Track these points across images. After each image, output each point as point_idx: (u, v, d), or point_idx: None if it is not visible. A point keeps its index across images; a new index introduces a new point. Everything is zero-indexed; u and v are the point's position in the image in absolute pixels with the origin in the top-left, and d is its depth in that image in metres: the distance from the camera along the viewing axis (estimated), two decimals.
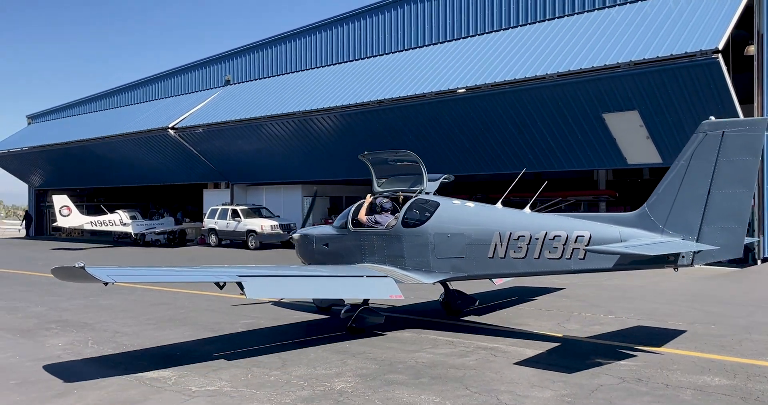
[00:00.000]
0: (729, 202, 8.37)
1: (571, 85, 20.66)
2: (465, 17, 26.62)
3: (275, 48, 34.89)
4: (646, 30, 20.09)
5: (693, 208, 8.57)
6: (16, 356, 9.36)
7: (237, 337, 10.60)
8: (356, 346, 9.58)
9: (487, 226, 10.15)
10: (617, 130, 20.99)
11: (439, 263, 10.64)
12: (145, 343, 10.16)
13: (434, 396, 7.07)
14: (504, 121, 23.01)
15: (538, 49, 22.42)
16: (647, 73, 19.09)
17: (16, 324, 12.01)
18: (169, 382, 7.80)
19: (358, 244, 11.55)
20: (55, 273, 8.05)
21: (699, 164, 8.44)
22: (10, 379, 8.11)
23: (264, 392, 7.33)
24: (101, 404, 7.03)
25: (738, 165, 8.25)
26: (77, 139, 41.05)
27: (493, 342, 9.83)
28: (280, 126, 29.87)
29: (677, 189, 8.70)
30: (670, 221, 8.75)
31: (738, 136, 8.22)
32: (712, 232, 8.47)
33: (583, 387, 7.34)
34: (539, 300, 14.18)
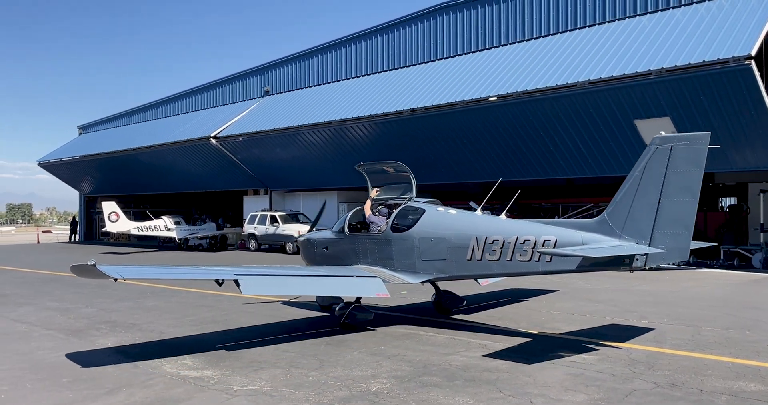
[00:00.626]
0: (677, 210, 8.98)
1: (602, 93, 20.40)
2: (496, 27, 26.52)
3: (311, 60, 35.18)
4: (677, 37, 19.74)
5: (646, 215, 9.13)
6: (68, 355, 9.52)
7: (277, 339, 10.66)
8: (391, 349, 9.56)
9: (465, 231, 10.75)
10: (649, 137, 20.41)
11: (424, 265, 11.23)
12: (190, 342, 10.28)
13: (468, 398, 7.01)
14: (535, 128, 22.81)
15: (570, 57, 22.20)
16: (679, 79, 18.77)
17: (68, 324, 12.25)
18: (212, 382, 7.88)
19: (354, 248, 12.17)
20: (73, 270, 8.64)
21: (651, 175, 9.07)
22: (63, 376, 8.26)
23: (302, 392, 7.36)
24: (148, 402, 7.13)
25: (684, 176, 8.91)
26: (125, 148, 41.87)
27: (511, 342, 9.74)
28: (316, 134, 30.07)
29: (632, 198, 9.30)
30: (627, 227, 9.31)
31: (684, 149, 8.90)
32: (662, 236, 9.04)
33: (616, 391, 7.20)
34: (563, 304, 13.96)
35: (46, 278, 20.76)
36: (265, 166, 34.93)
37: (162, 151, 39.07)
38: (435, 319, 12.28)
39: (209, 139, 35.08)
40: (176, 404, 7.02)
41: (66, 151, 49.79)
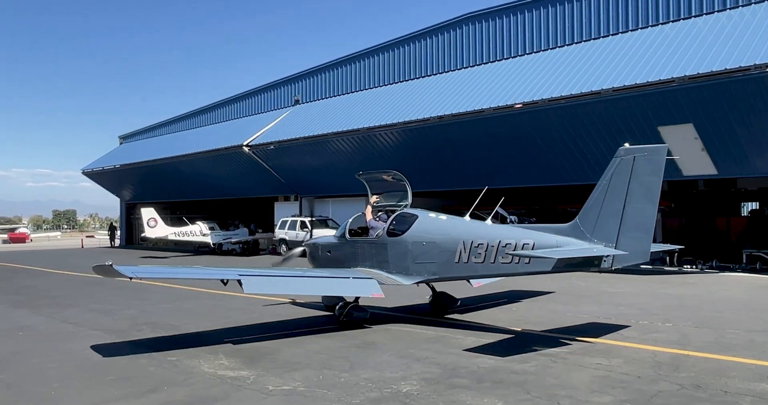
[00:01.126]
0: (638, 216, 9.49)
1: (626, 100, 20.24)
2: (520, 36, 26.46)
3: (340, 69, 35.40)
4: (699, 45, 19.52)
5: (612, 220, 9.64)
6: (112, 354, 9.70)
7: (307, 340, 10.75)
8: (420, 352, 9.58)
9: (453, 235, 11.27)
10: (672, 143, 20.32)
11: (416, 267, 11.72)
12: (226, 344, 10.37)
13: (496, 400, 7.02)
14: (560, 134, 22.69)
15: (594, 65, 22.07)
16: (702, 87, 18.55)
17: (111, 325, 12.48)
18: (248, 382, 7.97)
19: (354, 251, 12.65)
20: (95, 270, 9.41)
21: (617, 184, 9.62)
22: (108, 375, 8.43)
23: (335, 393, 7.41)
24: (188, 400, 7.26)
25: (645, 184, 9.45)
26: (162, 157, 42.48)
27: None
28: (345, 142, 30.24)
29: (601, 204, 9.84)
30: (596, 231, 9.80)
31: (645, 160, 9.42)
32: (626, 240, 9.52)
33: (642, 393, 7.16)
34: (588, 308, 13.85)
35: (90, 281, 21.16)
36: (295, 173, 35.19)
37: (197, 159, 39.58)
38: (430, 318, 12.72)
39: (242, 148, 35.46)
40: (214, 403, 7.09)
41: (108, 160, 50.69)
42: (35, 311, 14.59)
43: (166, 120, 49.83)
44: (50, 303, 15.98)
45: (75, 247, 50.83)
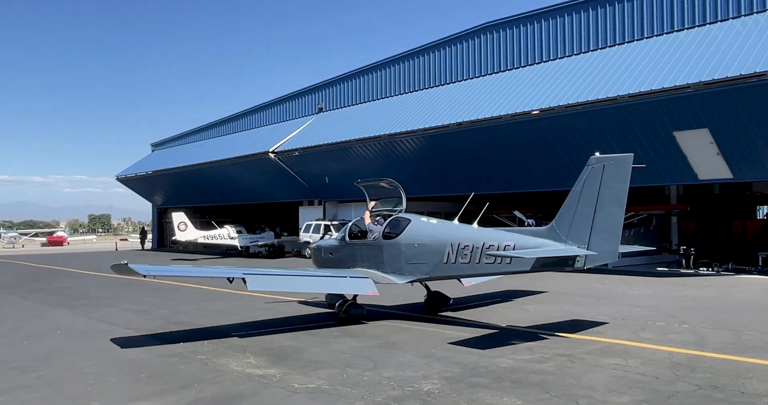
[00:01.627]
0: (608, 219, 9.97)
1: (642, 106, 20.02)
2: (537, 44, 26.34)
3: (362, 78, 35.50)
4: (714, 51, 19.26)
5: (584, 223, 10.09)
6: (144, 352, 9.86)
7: (331, 339, 10.78)
8: (441, 351, 9.57)
9: (442, 238, 11.74)
10: (688, 148, 20.13)
11: (409, 267, 12.21)
12: (253, 342, 10.47)
13: (516, 399, 6.97)
14: (576, 140, 22.51)
15: (609, 72, 21.89)
16: (717, 92, 18.30)
17: (144, 324, 12.63)
18: (275, 379, 8.01)
19: (353, 253, 13.15)
20: (113, 268, 10.11)
21: (588, 190, 10.08)
22: (141, 372, 8.54)
23: (358, 391, 7.42)
24: (217, 396, 7.32)
25: (614, 190, 9.92)
26: (192, 163, 42.87)
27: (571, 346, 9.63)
28: (367, 148, 30.29)
29: (574, 209, 10.26)
30: (570, 233, 10.26)
31: (613, 168, 9.94)
32: (597, 241, 9.99)
33: (659, 393, 7.07)
34: (605, 309, 13.71)
35: (124, 282, 21.42)
36: (319, 178, 35.32)
37: (225, 166, 39.91)
38: (425, 316, 13.21)
39: (268, 154, 35.70)
40: (242, 400, 7.14)
41: (140, 167, 51.32)
42: (73, 311, 14.82)
43: (195, 128, 50.31)
44: (87, 303, 16.21)
45: (110, 250, 51.60)
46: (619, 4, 23.48)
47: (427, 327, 11.93)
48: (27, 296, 18.18)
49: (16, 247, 60.49)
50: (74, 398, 7.33)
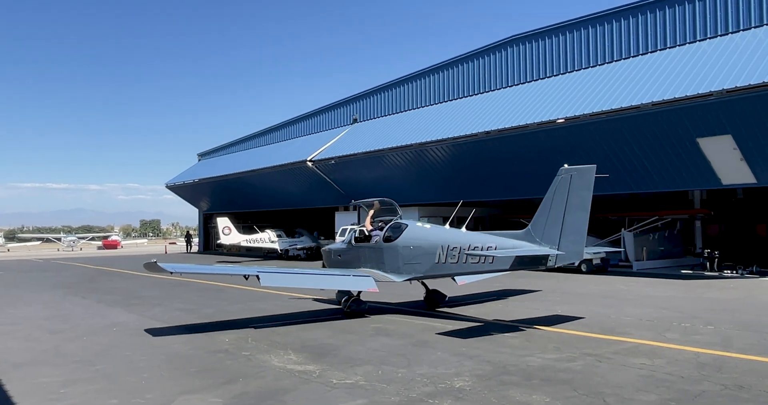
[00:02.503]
0: (575, 222, 10.58)
1: (665, 113, 19.63)
2: (562, 55, 26.04)
3: (394, 90, 35.55)
4: (737, 60, 18.78)
5: (555, 226, 10.71)
6: (194, 348, 10.00)
7: (367, 338, 10.81)
8: (472, 350, 9.51)
9: (434, 241, 12.40)
10: (711, 153, 19.64)
11: (405, 267, 12.87)
12: (294, 341, 10.55)
13: (545, 396, 6.89)
14: (601, 146, 22.17)
15: (633, 81, 21.51)
16: (740, 99, 17.82)
17: (192, 322, 12.82)
18: (314, 375, 8.06)
19: (358, 255, 13.86)
20: (145, 266, 10.53)
21: (559, 197, 10.76)
22: (191, 367, 8.68)
23: (393, 387, 7.42)
24: (261, 390, 7.39)
25: (580, 197, 10.57)
26: (235, 171, 43.39)
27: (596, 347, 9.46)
28: (399, 156, 30.30)
29: (547, 214, 10.89)
30: (544, 236, 10.87)
31: (579, 177, 10.63)
32: (566, 243, 10.59)
33: (686, 392, 6.90)
34: (632, 310, 13.43)
35: (173, 283, 21.82)
36: (353, 185, 35.42)
37: (266, 174, 40.31)
38: (423, 311, 14.01)
39: (305, 163, 35.96)
40: (284, 394, 7.20)
41: (187, 175, 52.12)
42: (127, 309, 15.13)
43: (238, 139, 50.92)
44: (139, 302, 16.52)
45: (159, 253, 52.53)
46: (642, 16, 23.08)
47: (420, 320, 12.71)
48: (85, 296, 18.61)
49: (74, 250, 61.99)
50: (129, 390, 7.48)
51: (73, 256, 51.11)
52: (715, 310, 13.31)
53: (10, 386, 7.75)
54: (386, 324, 12.24)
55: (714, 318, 12.20)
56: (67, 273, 29.47)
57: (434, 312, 13.77)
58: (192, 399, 7.06)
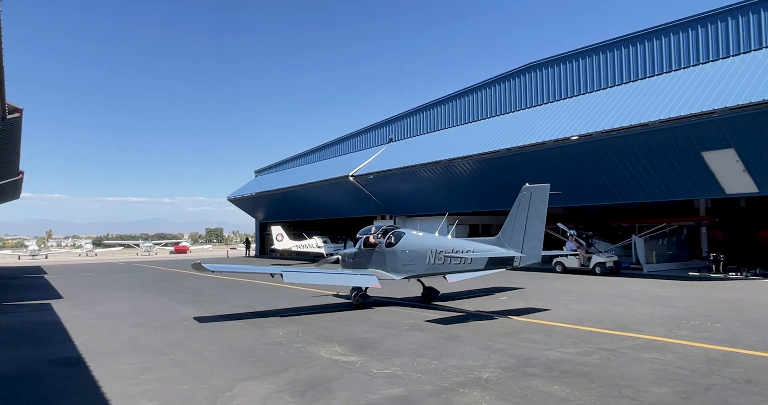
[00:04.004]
0: (534, 230, 11.50)
1: (672, 130, 19.10)
2: (576, 79, 25.68)
3: (425, 113, 35.55)
4: (738, 80, 18.18)
5: (519, 234, 11.63)
6: (252, 341, 10.08)
7: (403, 332, 10.74)
8: (497, 344, 9.35)
9: (426, 246, 13.29)
10: (715, 165, 19.01)
11: (403, 268, 13.70)
12: (338, 334, 10.57)
13: (565, 387, 6.72)
14: (612, 161, 21.71)
15: (641, 101, 21.03)
16: (742, 116, 17.22)
17: (251, 317, 12.90)
18: (357, 365, 8.05)
19: (366, 258, 14.66)
20: (192, 266, 11.57)
21: (521, 210, 11.69)
22: (249, 357, 8.75)
23: (427, 377, 7.35)
24: (311, 378, 7.40)
25: (538, 210, 11.49)
26: (286, 186, 43.90)
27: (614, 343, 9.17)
28: (429, 171, 30.22)
29: (513, 223, 11.80)
30: (511, 241, 11.78)
31: (537, 193, 11.55)
32: (527, 247, 11.49)
33: (697, 385, 6.64)
34: (645, 309, 13.00)
35: (234, 283, 22.11)
36: (390, 197, 35.48)
37: (313, 187, 40.66)
38: (419, 304, 14.86)
39: (348, 177, 36.16)
40: (331, 382, 7.20)
41: (246, 189, 52.97)
42: (195, 306, 15.33)
43: (289, 157, 51.58)
44: (205, 300, 16.73)
45: (222, 257, 53.40)
46: (649, 42, 22.59)
47: (415, 311, 13.55)
48: (160, 294, 18.93)
49: (150, 255, 63.55)
50: (197, 377, 7.58)
51: (150, 259, 52.37)
52: (722, 309, 12.80)
53: (96, 372, 7.95)
54: (391, 315, 12.93)
55: (721, 316, 11.73)
56: (144, 274, 30.17)
57: (429, 305, 14.45)
58: (251, 385, 7.12)
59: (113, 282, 24.80)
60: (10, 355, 9.24)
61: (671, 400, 6.12)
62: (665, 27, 22.04)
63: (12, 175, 27.26)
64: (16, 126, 18.31)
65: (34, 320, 13.10)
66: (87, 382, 7.44)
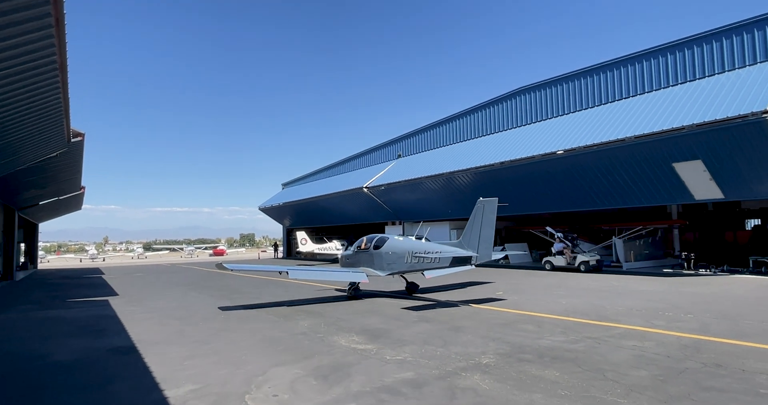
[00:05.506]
0: (486, 236, 12.42)
1: (646, 144, 18.96)
2: (561, 101, 25.64)
3: (429, 132, 35.62)
4: (704, 99, 18.05)
5: (475, 238, 12.54)
6: (281, 332, 10.09)
7: (412, 324, 10.70)
8: (495, 334, 9.29)
9: (404, 248, 14.22)
10: (685, 175, 18.82)
11: (388, 267, 14.56)
12: (355, 325, 10.57)
13: (555, 371, 6.67)
14: (594, 171, 21.56)
15: (618, 119, 20.93)
16: (708, 131, 17.07)
17: (280, 311, 12.92)
18: (372, 353, 8.04)
19: (359, 258, 15.50)
20: (216, 266, 12.58)
21: (476, 218, 12.55)
22: (279, 346, 8.76)
23: (434, 362, 7.33)
24: (333, 364, 7.41)
25: (489, 218, 12.37)
26: (309, 197, 44.00)
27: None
28: (433, 182, 30.20)
29: (471, 229, 12.69)
30: (469, 244, 12.72)
31: (488, 205, 12.41)
32: (481, 249, 12.48)
33: (672, 369, 6.56)
34: (623, 302, 12.83)
35: (265, 282, 22.15)
36: (399, 205, 35.48)
37: (332, 198, 40.78)
38: (402, 296, 15.57)
39: (362, 189, 36.22)
40: (350, 367, 7.21)
41: (274, 200, 53.21)
42: (231, 301, 15.35)
43: (311, 172, 51.79)
44: (240, 296, 16.74)
45: (254, 258, 53.59)
46: (624, 68, 22.53)
47: (398, 301, 14.22)
48: (201, 291, 18.98)
49: (192, 257, 63.93)
50: (234, 363, 7.62)
51: (192, 261, 52.69)
52: (694, 302, 12.61)
53: (148, 359, 8.02)
54: (380, 305, 13.42)
55: (693, 308, 11.57)
56: (187, 274, 30.35)
57: (410, 297, 15.09)
58: (280, 370, 7.14)
59: (161, 281, 24.95)
60: (75, 344, 9.35)
61: (649, 383, 6.05)
62: (639, 54, 21.98)
63: (75, 190, 27.70)
64: (78, 148, 18.64)
65: (94, 314, 13.23)
66: (139, 367, 7.50)
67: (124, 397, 6.12)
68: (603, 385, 6.02)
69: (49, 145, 15.73)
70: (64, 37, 8.06)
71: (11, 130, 12.26)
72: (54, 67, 9.20)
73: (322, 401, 5.80)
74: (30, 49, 8.13)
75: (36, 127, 13.19)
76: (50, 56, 8.66)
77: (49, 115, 12.47)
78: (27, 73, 9.02)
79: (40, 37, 7.80)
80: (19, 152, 14.70)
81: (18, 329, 11.15)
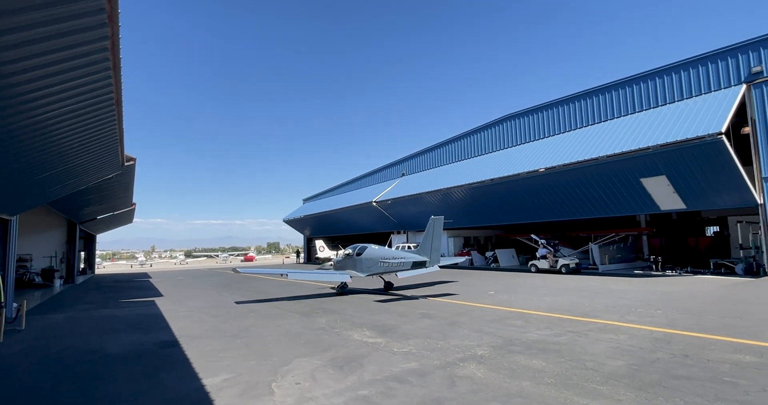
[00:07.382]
0: (436, 245, 13.80)
1: (617, 162, 18.89)
2: (542, 126, 25.68)
3: (429, 153, 35.71)
4: (666, 123, 18.02)
5: (428, 247, 13.83)
6: (302, 327, 10.03)
7: (416, 320, 10.61)
8: (488, 328, 9.19)
9: (377, 255, 15.25)
10: (651, 188, 18.69)
11: (366, 269, 15.46)
12: (367, 322, 10.49)
13: (541, 361, 6.58)
14: (571, 186, 21.47)
15: (592, 141, 20.91)
16: (671, 151, 17.00)
17: (299, 309, 12.87)
18: (381, 345, 7.97)
19: (346, 263, 16.36)
20: (232, 270, 13.86)
21: (430, 231, 13.87)
22: (300, 340, 8.72)
23: (435, 354, 7.27)
24: (347, 356, 7.36)
25: (438, 232, 13.78)
26: (326, 210, 44.10)
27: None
28: (433, 197, 30.18)
29: (425, 240, 13.91)
30: (423, 252, 14.04)
31: (437, 222, 13.76)
32: (432, 256, 13.82)
33: (645, 359, 6.44)
34: (601, 300, 12.64)
35: (287, 283, 22.07)
36: (403, 217, 35.44)
37: (346, 211, 40.83)
38: (381, 292, 16.09)
39: (371, 203, 36.26)
40: (363, 358, 7.16)
41: (296, 213, 53.35)
42: (248, 297, 15.28)
43: (328, 188, 52.01)
44: (265, 296, 16.66)
45: (278, 263, 53.54)
46: (596, 97, 22.62)
47: (378, 296, 14.85)
48: (233, 292, 18.84)
49: (226, 263, 63.97)
50: (262, 354, 7.60)
51: (225, 266, 52.72)
52: (662, 300, 12.40)
53: (188, 352, 8.01)
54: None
55: (662, 305, 11.38)
56: (222, 278, 30.35)
57: (387, 293, 15.69)
58: (302, 361, 7.10)
59: (199, 283, 24.95)
60: (126, 339, 9.36)
61: (625, 371, 5.95)
62: (610, 85, 22.04)
63: (127, 206, 27.97)
64: (131, 171, 18.87)
65: (142, 313, 13.25)
66: (181, 359, 7.49)
67: (170, 385, 6.10)
68: (584, 374, 5.92)
69: (106, 169, 15.96)
70: (119, 78, 8.26)
71: (74, 157, 12.48)
72: (111, 103, 9.40)
73: (339, 388, 5.75)
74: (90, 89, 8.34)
75: (95, 155, 13.40)
76: (108, 94, 8.86)
77: (107, 144, 12.67)
78: (89, 108, 9.23)
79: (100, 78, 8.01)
80: (81, 175, 14.92)
81: (79, 326, 11.20)
